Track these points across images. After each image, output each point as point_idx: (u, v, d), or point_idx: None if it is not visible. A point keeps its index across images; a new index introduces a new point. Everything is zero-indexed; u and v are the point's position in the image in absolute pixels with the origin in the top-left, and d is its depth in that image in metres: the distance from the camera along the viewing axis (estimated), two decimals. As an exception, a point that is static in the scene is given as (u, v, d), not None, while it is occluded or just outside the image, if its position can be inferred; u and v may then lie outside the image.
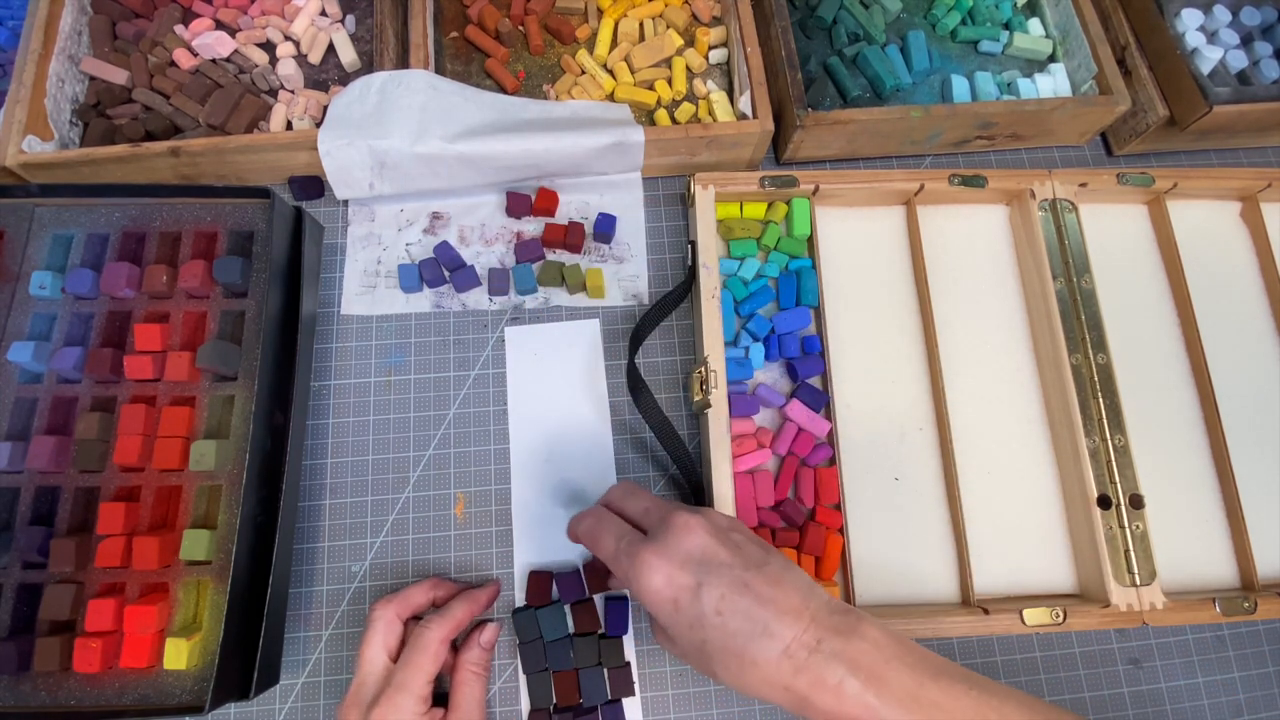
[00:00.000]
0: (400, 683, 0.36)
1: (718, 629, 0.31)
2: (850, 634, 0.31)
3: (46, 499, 0.40)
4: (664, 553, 0.32)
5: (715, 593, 0.31)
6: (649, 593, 0.32)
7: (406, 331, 0.49)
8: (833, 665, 0.30)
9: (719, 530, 0.33)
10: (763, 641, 0.30)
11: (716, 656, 0.31)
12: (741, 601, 0.31)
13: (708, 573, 0.32)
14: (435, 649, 0.38)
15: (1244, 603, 0.42)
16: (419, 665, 0.37)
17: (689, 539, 0.33)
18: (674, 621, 0.32)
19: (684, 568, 0.32)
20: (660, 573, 0.32)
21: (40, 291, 0.43)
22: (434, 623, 0.38)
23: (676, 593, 0.32)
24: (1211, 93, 0.50)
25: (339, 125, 0.47)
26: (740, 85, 0.52)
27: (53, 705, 0.37)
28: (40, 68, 0.48)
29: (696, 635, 0.31)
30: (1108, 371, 0.46)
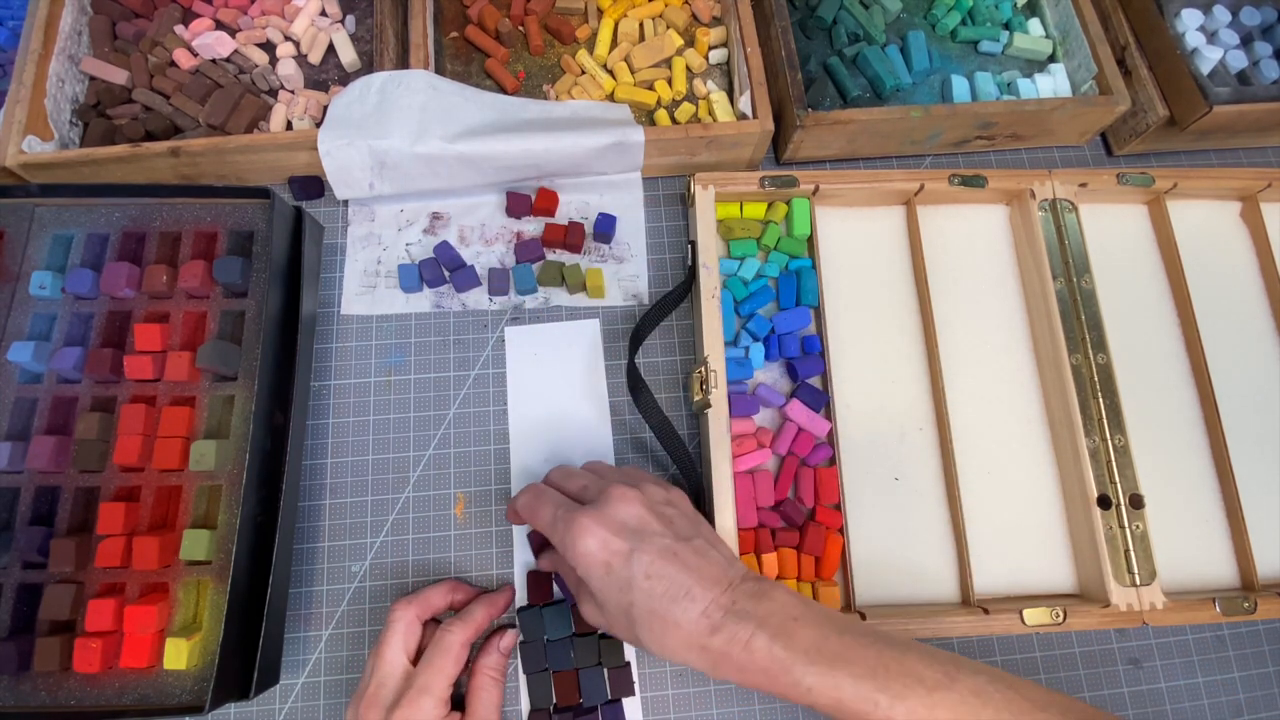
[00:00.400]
0: (423, 685, 0.36)
1: (644, 592, 0.33)
2: (761, 597, 0.33)
3: (46, 499, 0.40)
4: (600, 519, 0.34)
5: (645, 558, 0.33)
6: (583, 555, 0.34)
7: (406, 331, 0.49)
8: (745, 623, 0.32)
9: (653, 503, 0.36)
10: (684, 604, 0.32)
11: (641, 620, 0.33)
12: (669, 568, 0.33)
13: (640, 540, 0.34)
14: (457, 651, 0.38)
15: (1244, 603, 0.42)
16: (441, 668, 0.37)
17: (625, 508, 0.35)
18: (604, 585, 0.34)
19: (619, 534, 0.34)
20: (595, 536, 0.34)
21: (40, 291, 0.43)
22: (456, 626, 0.38)
23: (610, 556, 0.33)
24: (1211, 93, 0.50)
25: (339, 125, 0.47)
26: (740, 85, 0.52)
27: (53, 705, 0.37)
28: (40, 68, 0.48)
29: (624, 598, 0.33)
30: (1108, 371, 0.46)
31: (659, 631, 0.33)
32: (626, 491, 0.35)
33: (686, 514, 0.37)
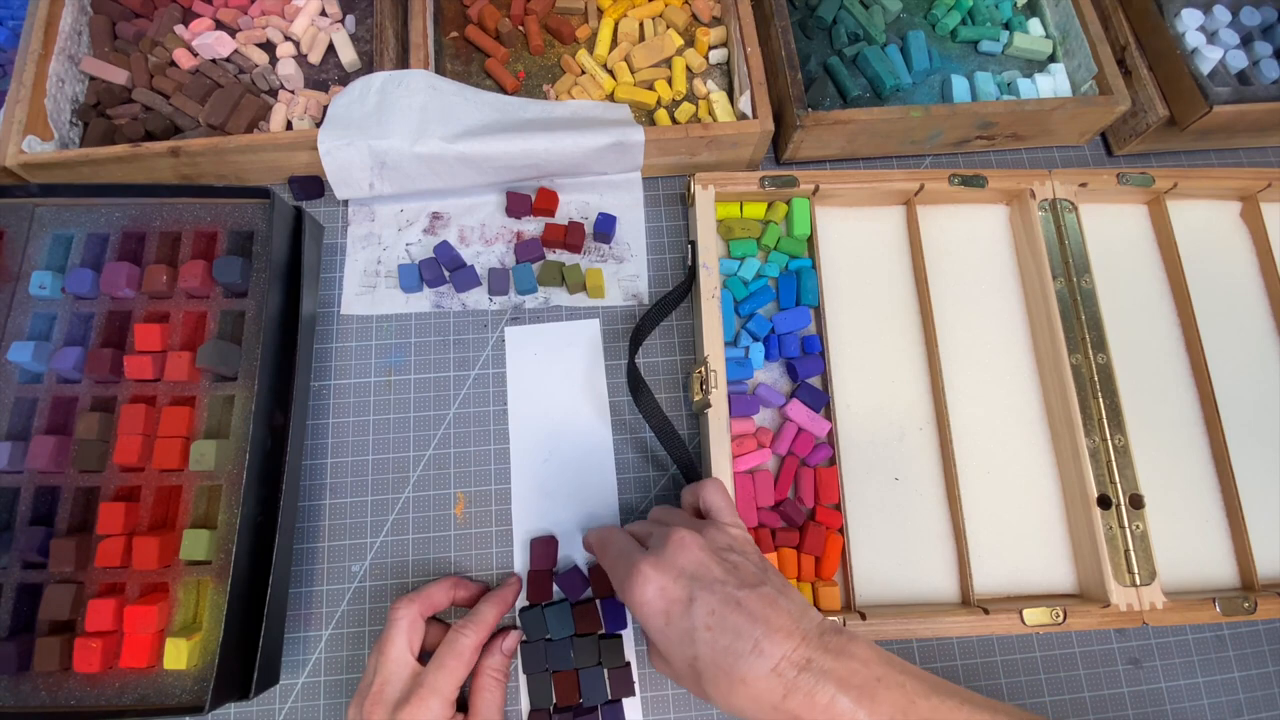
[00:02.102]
0: (432, 685, 0.36)
1: (708, 644, 0.31)
2: (840, 653, 0.31)
3: (46, 499, 0.40)
4: (659, 565, 0.33)
5: (706, 607, 0.31)
6: (641, 603, 0.32)
7: (406, 331, 0.49)
8: (823, 684, 0.29)
9: (716, 549, 0.33)
10: (752, 659, 0.30)
11: (707, 674, 0.31)
12: (732, 617, 0.31)
13: (700, 587, 0.32)
14: (469, 654, 0.38)
15: (1244, 603, 0.42)
16: (452, 669, 0.37)
17: (684, 554, 0.33)
18: (665, 636, 0.32)
19: (677, 580, 0.32)
20: (653, 583, 0.32)
21: (40, 291, 0.43)
22: (469, 628, 0.38)
23: (668, 605, 0.32)
24: (1211, 93, 0.50)
25: (339, 125, 0.47)
26: (740, 85, 0.52)
27: (53, 705, 0.37)
28: (40, 68, 0.48)
29: (688, 651, 0.31)
30: (1108, 371, 0.46)
31: (726, 689, 0.30)
32: (686, 536, 0.33)
33: (753, 560, 0.34)
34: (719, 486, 0.38)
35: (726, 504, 0.37)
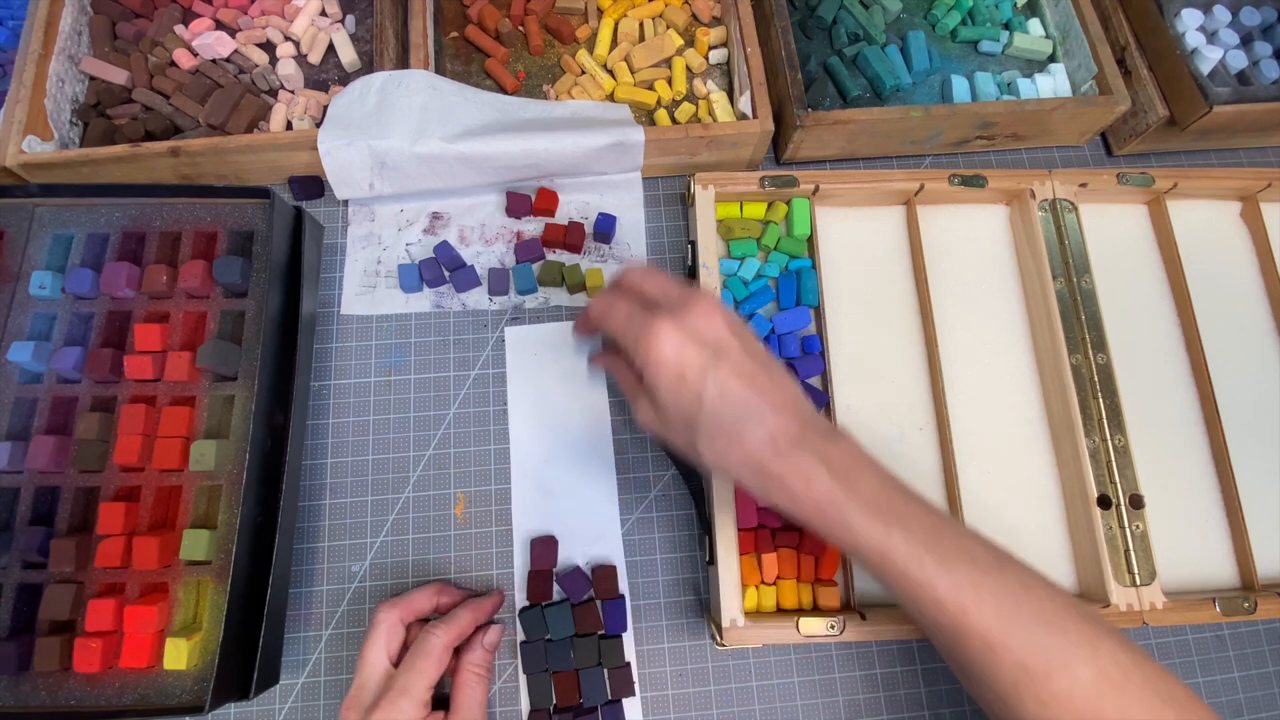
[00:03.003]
0: (402, 686, 0.36)
1: (713, 409, 0.32)
2: (832, 438, 0.33)
3: (46, 499, 0.40)
4: (681, 326, 0.33)
5: (721, 374, 0.32)
6: (658, 361, 0.33)
7: (406, 331, 0.49)
8: (810, 457, 0.32)
9: (735, 324, 0.34)
10: (752, 425, 0.32)
11: (704, 431, 0.33)
12: (742, 390, 0.32)
13: (718, 356, 0.33)
14: (439, 654, 0.38)
15: (1244, 603, 0.42)
16: (421, 670, 0.37)
17: (707, 321, 0.33)
18: (673, 393, 0.33)
19: (699, 345, 0.33)
20: (673, 342, 0.33)
21: (40, 291, 0.43)
22: (439, 628, 0.38)
23: (685, 367, 0.33)
24: (1211, 93, 0.50)
25: (339, 125, 0.47)
26: (740, 85, 0.52)
27: (53, 705, 0.37)
28: (40, 68, 0.48)
29: (691, 410, 0.33)
30: (1108, 371, 0.46)
31: (722, 446, 0.32)
32: (711, 305, 0.34)
33: (760, 343, 0.36)
34: None
35: None
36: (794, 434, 0.32)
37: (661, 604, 0.44)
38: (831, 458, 0.32)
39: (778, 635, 0.39)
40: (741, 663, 0.44)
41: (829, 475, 0.32)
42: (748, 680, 0.43)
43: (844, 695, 0.43)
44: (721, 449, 0.33)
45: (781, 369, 0.35)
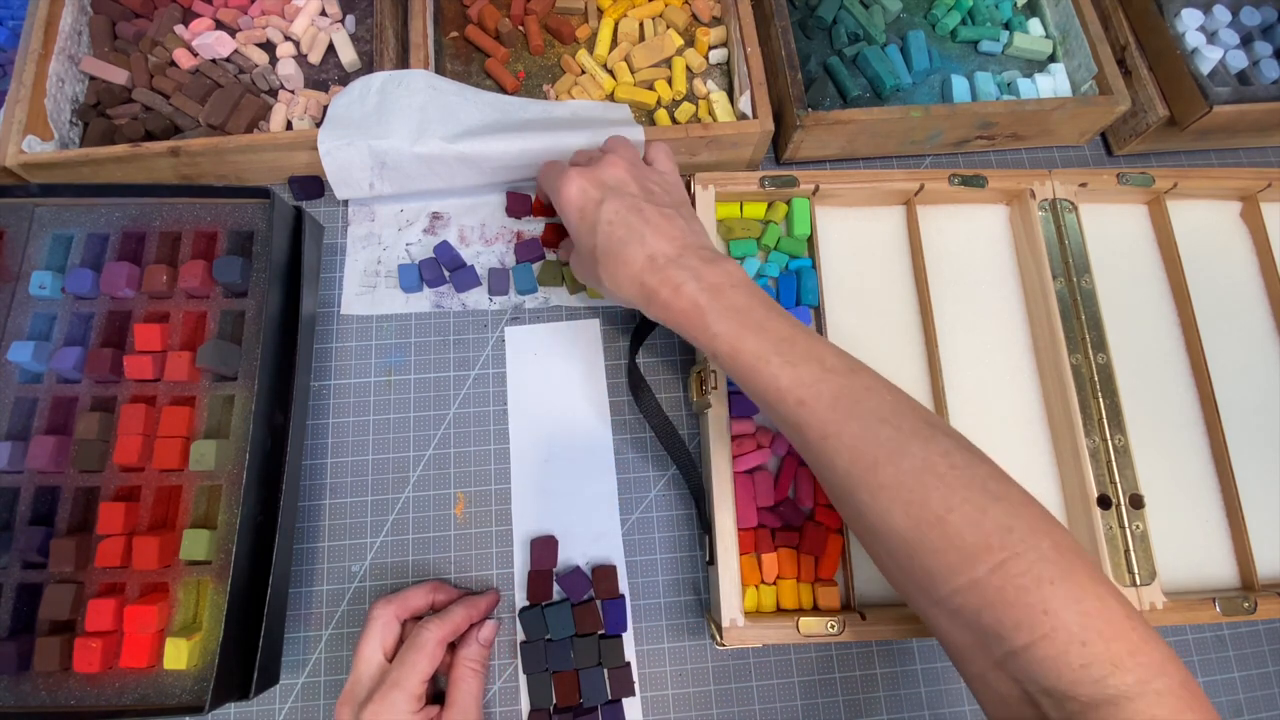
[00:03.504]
0: (395, 680, 0.36)
1: (606, 235, 0.37)
2: (710, 263, 0.36)
3: (46, 499, 0.40)
4: (585, 174, 0.39)
5: (612, 207, 0.37)
6: (564, 200, 0.39)
7: (406, 331, 0.49)
8: (683, 273, 0.35)
9: (639, 173, 0.39)
10: (635, 247, 0.36)
11: (601, 258, 0.37)
12: (631, 218, 0.37)
13: (613, 194, 0.38)
14: (431, 649, 0.38)
15: (1244, 603, 0.42)
16: (414, 664, 0.37)
17: (609, 170, 0.39)
18: (578, 227, 0.39)
19: (598, 187, 0.38)
20: (576, 185, 0.38)
21: (40, 291, 0.43)
22: (432, 623, 0.38)
23: (585, 203, 0.38)
24: (1211, 93, 0.50)
25: (339, 125, 0.47)
26: (740, 85, 0.52)
27: (53, 705, 0.37)
28: (40, 68, 0.48)
29: (591, 240, 0.38)
30: (1108, 371, 0.46)
31: (612, 268, 0.37)
32: (616, 159, 0.39)
33: (672, 192, 0.40)
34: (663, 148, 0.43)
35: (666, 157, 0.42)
36: (671, 254, 0.36)
37: (661, 604, 0.44)
38: (704, 275, 0.35)
39: (778, 635, 0.39)
40: (741, 663, 0.44)
41: (697, 286, 0.35)
42: (748, 680, 0.43)
43: (844, 695, 0.43)
44: (612, 271, 0.37)
45: (686, 212, 0.39)
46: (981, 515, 0.30)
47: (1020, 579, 0.28)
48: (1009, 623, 0.28)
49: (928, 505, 0.30)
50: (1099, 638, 0.27)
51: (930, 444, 0.31)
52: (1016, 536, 0.29)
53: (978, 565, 0.29)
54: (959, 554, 0.29)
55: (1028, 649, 0.28)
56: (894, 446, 0.31)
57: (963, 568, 0.29)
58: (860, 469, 0.31)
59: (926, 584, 0.31)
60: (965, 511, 0.30)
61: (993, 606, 0.29)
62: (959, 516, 0.30)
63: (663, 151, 0.43)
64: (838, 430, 0.32)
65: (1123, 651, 0.27)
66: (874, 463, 0.31)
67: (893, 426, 0.32)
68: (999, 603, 0.28)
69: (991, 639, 0.29)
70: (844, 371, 0.33)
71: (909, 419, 0.32)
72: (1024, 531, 0.29)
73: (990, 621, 0.29)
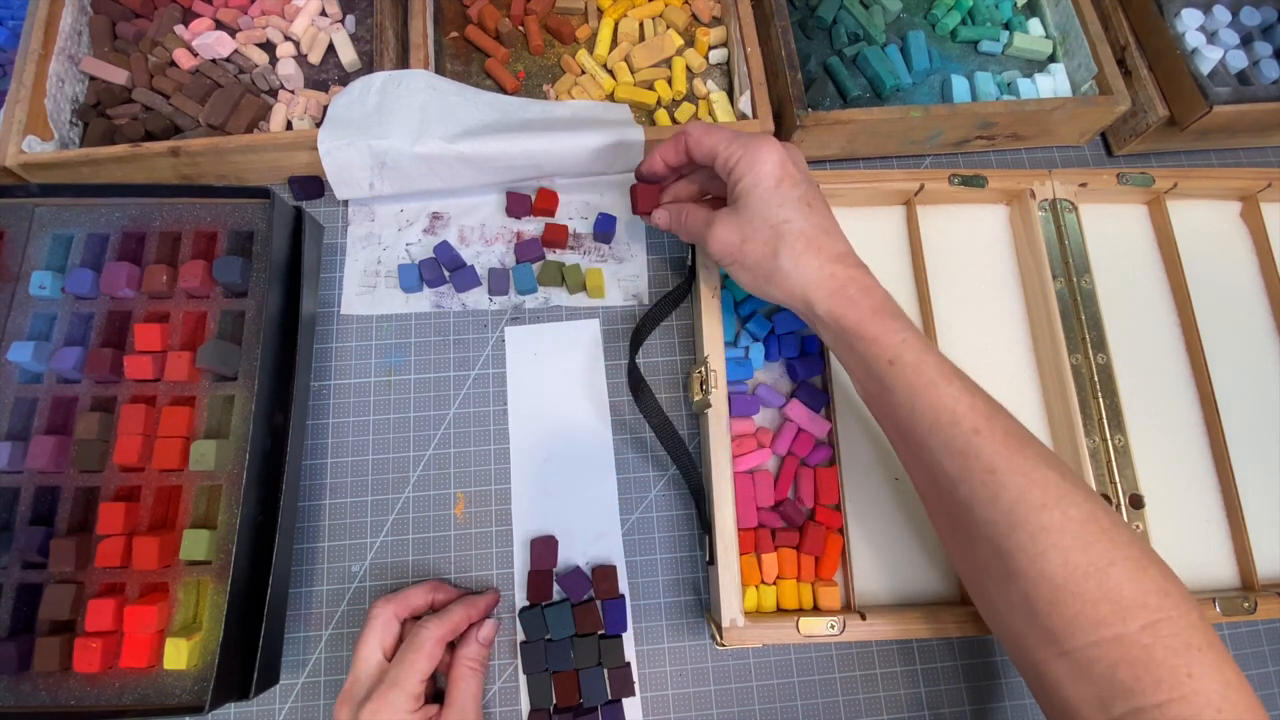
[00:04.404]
0: (393, 679, 0.36)
1: (803, 215, 0.37)
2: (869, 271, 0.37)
3: (46, 499, 0.40)
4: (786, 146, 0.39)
5: (813, 190, 0.38)
6: (763, 165, 0.38)
7: (406, 331, 0.49)
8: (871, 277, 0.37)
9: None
10: (835, 239, 0.37)
11: (790, 236, 0.37)
12: (826, 212, 0.38)
13: (809, 181, 0.39)
14: (430, 648, 0.38)
15: (1244, 603, 0.42)
16: (413, 663, 0.37)
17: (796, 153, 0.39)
18: (768, 197, 0.37)
19: (799, 167, 0.39)
20: (778, 155, 0.38)
21: (40, 291, 0.43)
22: (431, 623, 0.38)
23: (785, 176, 0.38)
24: (1211, 93, 0.50)
25: (339, 125, 0.47)
26: (740, 85, 0.52)
27: (53, 705, 0.37)
28: (40, 68, 0.48)
29: (781, 214, 0.37)
30: (1108, 371, 0.46)
31: (802, 248, 0.36)
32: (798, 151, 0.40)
33: None
34: None
35: None
36: (856, 260, 0.37)
37: (661, 604, 0.44)
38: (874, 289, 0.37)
39: (778, 635, 0.39)
40: (741, 663, 0.44)
41: (884, 292, 0.36)
42: (748, 680, 0.43)
43: (844, 695, 0.43)
44: (800, 250, 0.36)
45: None
46: (1142, 574, 0.30)
47: (1171, 640, 0.29)
48: (1149, 680, 0.28)
49: (1090, 554, 0.30)
50: (1232, 707, 0.28)
51: (1092, 497, 0.32)
52: (1172, 601, 0.30)
53: (1130, 620, 0.29)
54: (1113, 606, 0.29)
55: (1161, 707, 0.28)
56: (1062, 492, 0.31)
57: (1114, 620, 0.29)
58: (1026, 509, 0.31)
59: (1062, 633, 0.30)
60: (1127, 567, 0.30)
61: (1135, 663, 0.29)
62: (1120, 571, 0.30)
63: None
64: (1008, 466, 0.32)
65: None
66: (1042, 505, 0.31)
67: (1059, 473, 0.32)
68: (1144, 660, 0.29)
69: (1119, 695, 0.29)
70: (1007, 413, 0.34)
71: (1070, 471, 0.32)
72: (1179, 597, 0.30)
73: (1127, 677, 0.29)
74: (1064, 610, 0.30)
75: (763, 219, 0.37)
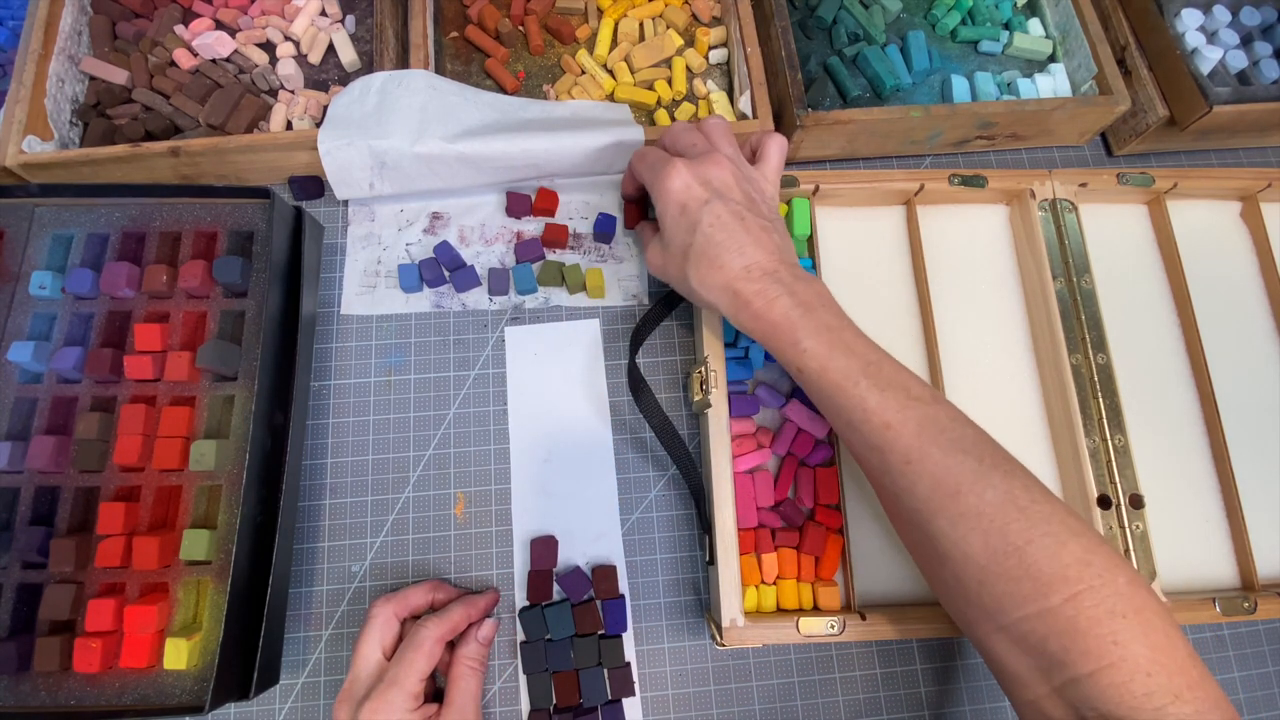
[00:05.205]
0: (393, 679, 0.36)
1: (706, 236, 0.37)
2: (803, 280, 0.37)
3: (46, 499, 0.40)
4: (692, 168, 0.39)
5: (716, 210, 0.37)
6: (666, 191, 0.39)
7: (406, 331, 0.49)
8: (777, 286, 0.36)
9: (743, 178, 0.39)
10: (734, 255, 0.37)
11: (694, 257, 0.38)
12: (733, 224, 0.37)
13: (719, 196, 0.38)
14: (430, 647, 0.38)
15: (1244, 603, 0.42)
16: (412, 662, 0.37)
17: (716, 169, 0.39)
18: (676, 222, 0.39)
19: (704, 185, 0.38)
20: (682, 179, 0.38)
21: (40, 291, 0.43)
22: (431, 622, 0.38)
23: (688, 199, 0.38)
24: (1211, 93, 0.50)
25: (339, 125, 0.47)
26: (740, 85, 0.52)
27: (53, 705, 0.37)
28: (40, 68, 0.48)
29: (688, 238, 0.38)
30: (1108, 371, 0.46)
31: (704, 270, 0.37)
32: (723, 159, 0.39)
33: (769, 205, 0.40)
34: (781, 141, 0.42)
35: (778, 158, 0.42)
36: (768, 267, 0.37)
37: (661, 604, 0.44)
38: (797, 290, 0.36)
39: (778, 635, 0.39)
40: (741, 663, 0.44)
41: (791, 302, 0.36)
42: (748, 680, 0.43)
43: (844, 695, 0.43)
44: (704, 273, 0.37)
45: (778, 224, 0.39)
46: (1061, 548, 0.31)
47: (1094, 610, 0.29)
48: (1076, 650, 0.29)
49: (1007, 535, 0.31)
50: (1163, 670, 0.29)
51: (1011, 478, 0.32)
52: (1093, 571, 0.30)
53: (1052, 595, 0.30)
54: (1034, 583, 0.30)
55: (1092, 676, 0.29)
56: (977, 476, 0.32)
57: (1036, 596, 0.30)
58: (942, 495, 0.32)
59: (994, 610, 0.31)
60: (1045, 544, 0.31)
61: (1062, 634, 0.30)
62: (1038, 548, 0.30)
63: (778, 151, 0.42)
64: (921, 456, 0.33)
65: (1183, 685, 0.29)
66: (956, 491, 0.32)
67: (975, 458, 0.32)
68: (1070, 631, 0.29)
69: (1054, 665, 0.30)
70: (928, 400, 0.34)
71: (990, 452, 0.33)
72: (1101, 567, 0.30)
73: (1056, 648, 0.30)
74: (991, 589, 0.31)
75: (674, 243, 0.39)
